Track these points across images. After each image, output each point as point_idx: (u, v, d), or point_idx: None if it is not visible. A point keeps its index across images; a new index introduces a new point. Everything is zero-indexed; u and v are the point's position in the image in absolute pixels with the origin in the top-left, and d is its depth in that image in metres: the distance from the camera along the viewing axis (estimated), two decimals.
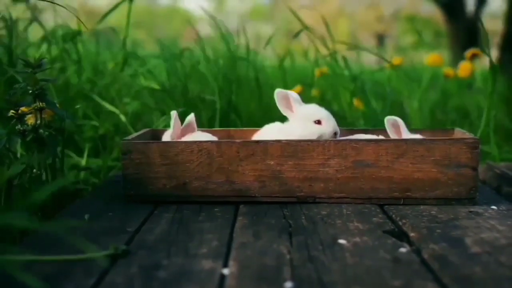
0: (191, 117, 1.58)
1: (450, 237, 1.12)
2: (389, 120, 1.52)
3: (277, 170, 1.39)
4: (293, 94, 1.52)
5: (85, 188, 1.66)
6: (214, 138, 1.54)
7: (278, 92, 1.50)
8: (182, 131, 1.55)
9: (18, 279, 0.81)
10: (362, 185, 1.39)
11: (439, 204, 1.38)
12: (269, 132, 1.55)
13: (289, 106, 1.51)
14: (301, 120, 1.49)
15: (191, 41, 2.64)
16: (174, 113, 1.53)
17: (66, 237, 0.87)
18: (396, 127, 1.52)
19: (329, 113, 1.51)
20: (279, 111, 1.51)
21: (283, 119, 1.55)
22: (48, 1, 1.72)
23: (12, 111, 1.43)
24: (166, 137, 1.57)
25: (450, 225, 1.20)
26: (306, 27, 2.40)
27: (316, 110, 1.50)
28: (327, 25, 2.45)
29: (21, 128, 1.41)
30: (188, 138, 1.53)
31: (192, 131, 1.58)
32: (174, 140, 1.52)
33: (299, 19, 2.41)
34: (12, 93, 1.42)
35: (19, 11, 2.19)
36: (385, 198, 1.39)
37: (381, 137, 1.51)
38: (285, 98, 1.51)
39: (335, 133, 1.47)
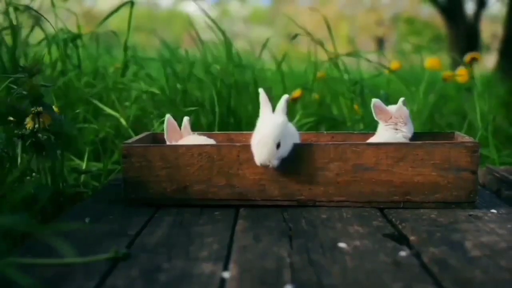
0: (185, 120, 1.60)
1: (450, 241, 1.12)
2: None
3: (277, 174, 1.40)
4: (263, 97, 1.45)
5: (85, 192, 1.66)
6: (211, 141, 1.54)
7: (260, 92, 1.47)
8: (182, 133, 1.57)
9: (19, 282, 0.81)
10: (362, 188, 1.39)
11: (439, 207, 1.38)
12: None
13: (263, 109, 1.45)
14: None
15: (191, 45, 2.64)
16: (167, 117, 1.54)
17: (59, 245, 0.87)
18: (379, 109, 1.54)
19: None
20: None
21: None
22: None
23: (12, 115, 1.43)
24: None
25: (450, 228, 1.21)
26: (305, 31, 2.41)
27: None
28: (329, 28, 2.45)
29: (20, 132, 1.41)
30: (182, 141, 1.54)
31: (188, 134, 1.59)
32: (173, 144, 1.52)
33: (296, 24, 2.42)
34: (10, 98, 1.42)
35: (19, 15, 2.20)
36: (385, 201, 1.39)
37: None
38: (261, 101, 1.46)
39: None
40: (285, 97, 1.44)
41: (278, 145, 1.34)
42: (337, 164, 1.39)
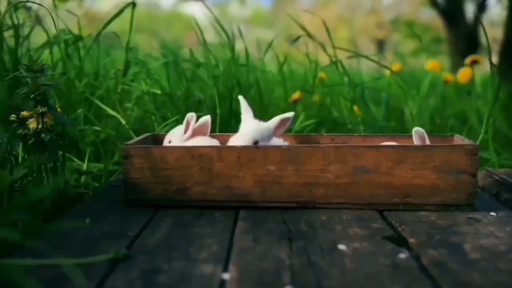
0: (205, 119, 1.61)
1: (449, 243, 1.12)
2: (417, 131, 1.52)
3: (277, 176, 1.40)
4: (243, 103, 1.54)
5: (86, 193, 1.66)
6: (214, 141, 1.55)
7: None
8: (194, 131, 1.58)
9: (19, 284, 0.81)
10: (362, 190, 1.39)
11: (438, 210, 1.38)
12: None
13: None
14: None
15: (192, 46, 2.65)
16: (193, 116, 1.57)
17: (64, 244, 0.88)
18: (422, 138, 1.52)
19: (243, 135, 1.47)
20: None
21: None
22: (47, 9, 1.73)
23: (13, 115, 1.44)
24: (174, 137, 1.59)
25: (449, 231, 1.21)
26: (307, 33, 2.42)
27: (244, 132, 1.49)
28: (328, 31, 2.45)
29: (23, 133, 1.42)
30: (190, 142, 1.55)
31: (204, 133, 1.60)
32: (173, 145, 1.53)
33: (300, 25, 2.42)
34: (14, 98, 1.43)
35: (20, 16, 2.20)
36: (385, 204, 1.39)
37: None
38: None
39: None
40: (285, 116, 1.51)
41: (255, 143, 1.44)
42: (337, 166, 1.39)
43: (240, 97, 1.56)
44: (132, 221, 1.30)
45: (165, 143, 1.61)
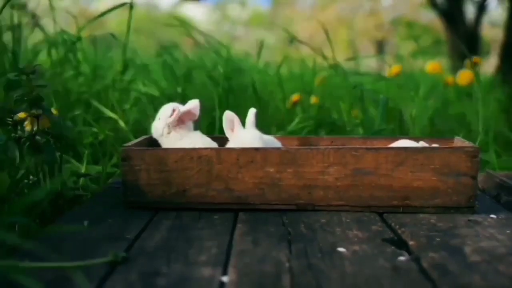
0: (194, 102, 1.59)
1: (449, 246, 1.12)
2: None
3: (276, 178, 1.39)
4: (229, 117, 1.51)
5: (84, 195, 1.66)
6: (214, 144, 1.55)
7: (226, 113, 1.52)
8: (183, 116, 1.57)
9: (20, 284, 0.81)
10: (362, 193, 1.39)
11: (438, 212, 1.38)
12: None
13: (232, 128, 1.52)
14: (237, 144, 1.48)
15: (191, 48, 2.65)
16: (179, 106, 1.57)
17: (65, 244, 0.87)
18: None
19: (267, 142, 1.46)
20: (277, 118, 1.52)
21: (280, 126, 1.56)
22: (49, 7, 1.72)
23: (9, 118, 1.43)
24: (162, 115, 1.59)
25: (449, 233, 1.21)
26: (300, 41, 2.41)
27: (251, 140, 1.48)
28: (327, 35, 2.45)
29: (18, 135, 1.41)
30: (187, 140, 1.54)
31: (192, 118, 1.58)
32: (170, 146, 1.53)
33: (291, 34, 2.42)
34: (8, 100, 1.42)
35: (18, 17, 2.20)
36: (384, 206, 1.39)
37: (422, 143, 1.51)
38: (231, 120, 1.52)
39: None
40: (253, 110, 1.52)
41: None
42: (336, 168, 1.38)
43: (226, 112, 1.52)
44: (131, 223, 1.30)
45: (156, 119, 1.61)
